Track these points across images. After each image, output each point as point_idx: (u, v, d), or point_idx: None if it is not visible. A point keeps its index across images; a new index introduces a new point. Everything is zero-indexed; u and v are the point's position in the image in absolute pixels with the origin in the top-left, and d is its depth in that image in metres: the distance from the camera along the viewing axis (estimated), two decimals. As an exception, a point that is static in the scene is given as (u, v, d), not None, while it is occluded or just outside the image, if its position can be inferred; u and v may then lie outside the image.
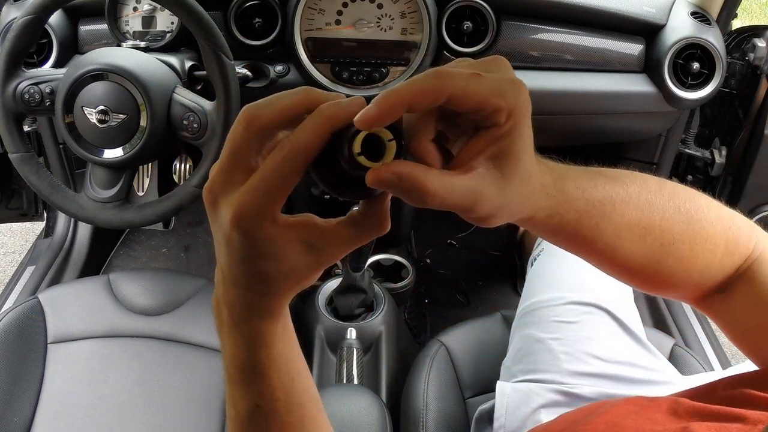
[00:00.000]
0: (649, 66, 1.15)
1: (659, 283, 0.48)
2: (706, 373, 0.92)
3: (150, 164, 1.48)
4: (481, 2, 1.09)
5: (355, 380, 1.06)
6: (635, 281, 0.49)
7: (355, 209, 0.36)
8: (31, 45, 0.91)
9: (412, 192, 0.31)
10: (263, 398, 0.40)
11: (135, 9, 1.11)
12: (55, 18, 1.11)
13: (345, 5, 1.11)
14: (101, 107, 0.88)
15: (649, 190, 0.45)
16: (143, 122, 0.90)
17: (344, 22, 1.12)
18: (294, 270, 0.35)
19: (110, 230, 1.71)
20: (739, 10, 1.23)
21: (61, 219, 1.60)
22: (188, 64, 1.00)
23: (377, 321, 1.16)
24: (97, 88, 0.89)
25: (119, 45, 1.07)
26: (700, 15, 1.15)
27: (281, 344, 0.39)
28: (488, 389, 0.92)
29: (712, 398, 0.45)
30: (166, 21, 1.12)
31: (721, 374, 0.56)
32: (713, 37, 1.10)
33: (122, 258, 1.76)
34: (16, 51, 0.89)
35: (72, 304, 1.04)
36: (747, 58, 1.22)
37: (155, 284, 1.08)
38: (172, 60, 0.97)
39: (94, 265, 1.64)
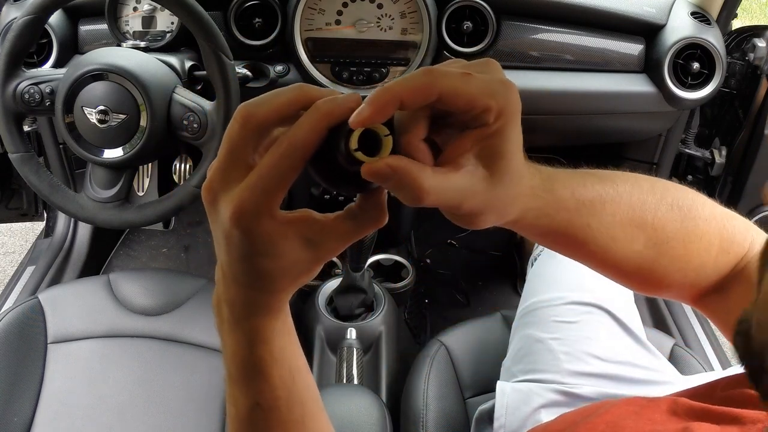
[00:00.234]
0: (649, 66, 1.15)
1: (655, 284, 0.48)
2: (706, 373, 0.92)
3: (150, 164, 1.48)
4: (481, 2, 1.09)
5: (355, 380, 1.06)
6: (631, 282, 0.49)
7: (352, 204, 0.37)
8: (31, 45, 0.91)
9: (407, 188, 0.32)
10: (264, 396, 0.40)
11: (135, 9, 1.11)
12: (55, 18, 1.11)
13: (345, 5, 1.11)
14: (101, 107, 0.88)
15: (641, 188, 0.45)
16: (143, 122, 0.90)
17: (344, 22, 1.12)
18: (294, 266, 0.35)
19: (110, 230, 1.71)
20: (739, 10, 1.23)
21: (61, 219, 1.60)
22: (188, 64, 1.00)
23: (377, 321, 1.16)
24: (97, 88, 0.89)
25: (119, 45, 1.07)
26: (700, 15, 1.15)
27: (282, 341, 0.39)
28: (488, 389, 0.92)
29: (712, 398, 0.45)
30: (166, 21, 1.12)
31: (721, 374, 0.56)
32: (713, 37, 1.10)
33: (122, 258, 1.76)
34: (16, 51, 0.89)
35: (72, 304, 1.04)
36: (747, 58, 1.22)
37: (155, 284, 1.08)
38: (172, 60, 0.97)
39: (94, 265, 1.64)
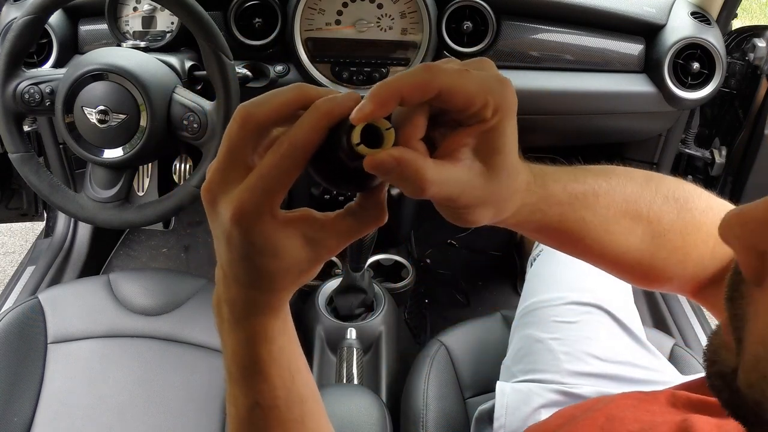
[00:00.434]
0: (649, 66, 1.15)
1: (655, 277, 0.48)
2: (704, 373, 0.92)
3: (150, 164, 1.48)
4: (481, 2, 1.09)
5: (355, 380, 1.06)
6: (631, 276, 0.49)
7: (352, 202, 0.37)
8: (31, 45, 0.91)
9: (409, 179, 0.32)
10: (263, 396, 0.40)
11: (135, 9, 1.11)
12: (55, 18, 1.11)
13: (345, 5, 1.11)
14: (101, 107, 0.88)
15: (635, 182, 0.45)
16: (143, 122, 0.90)
17: (344, 22, 1.12)
18: (294, 265, 0.35)
19: (110, 230, 1.70)
20: (739, 10, 1.23)
21: (61, 219, 1.60)
22: (188, 64, 1.00)
23: (377, 321, 1.16)
24: (97, 88, 0.89)
25: (119, 45, 1.07)
26: (700, 15, 1.15)
27: (282, 341, 0.39)
28: (488, 389, 0.92)
29: (710, 392, 0.45)
30: (166, 21, 1.12)
31: None
32: (713, 37, 1.10)
33: (122, 258, 1.76)
34: (16, 51, 0.89)
35: (72, 304, 1.04)
36: (747, 58, 1.22)
37: (155, 284, 1.08)
38: (172, 60, 0.97)
39: (94, 265, 1.64)
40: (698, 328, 1.42)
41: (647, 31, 1.15)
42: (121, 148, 0.91)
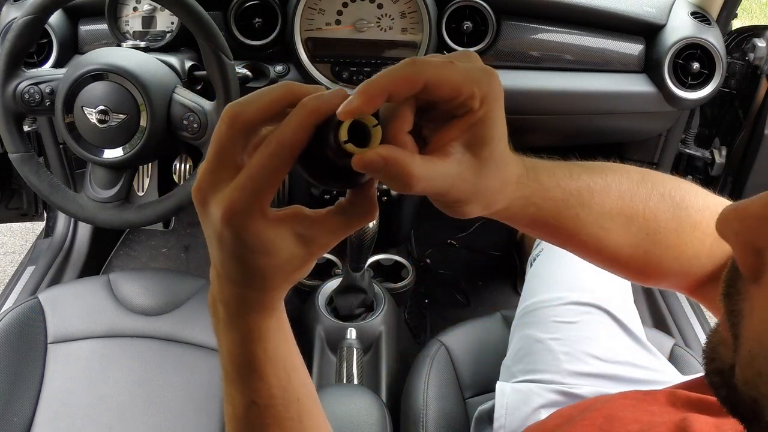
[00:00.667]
0: (649, 66, 1.15)
1: (650, 273, 0.48)
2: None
3: (150, 164, 1.48)
4: (481, 2, 1.09)
5: (355, 380, 1.06)
6: (626, 272, 0.49)
7: (343, 198, 0.37)
8: (31, 45, 0.91)
9: (397, 176, 0.32)
10: (260, 395, 0.40)
11: (135, 9, 1.11)
12: (55, 18, 1.11)
13: (345, 5, 1.11)
14: (101, 107, 0.88)
15: (631, 179, 0.45)
16: (143, 122, 0.90)
17: (344, 22, 1.12)
18: (287, 263, 0.35)
19: (110, 230, 1.70)
20: (739, 10, 1.23)
21: (61, 219, 1.60)
22: (188, 64, 1.00)
23: (377, 321, 1.16)
24: (97, 88, 0.89)
25: (119, 45, 1.07)
26: (700, 15, 1.14)
27: (277, 339, 0.39)
28: (488, 389, 0.92)
29: (710, 391, 0.45)
30: (166, 21, 1.12)
31: None
32: (713, 37, 1.10)
33: (122, 258, 1.76)
34: (16, 51, 0.89)
35: (72, 304, 1.04)
36: (747, 58, 1.22)
37: (155, 284, 1.08)
38: (172, 60, 0.97)
39: (94, 265, 1.64)
40: (698, 328, 1.42)
41: (647, 31, 1.15)
42: (121, 148, 0.91)
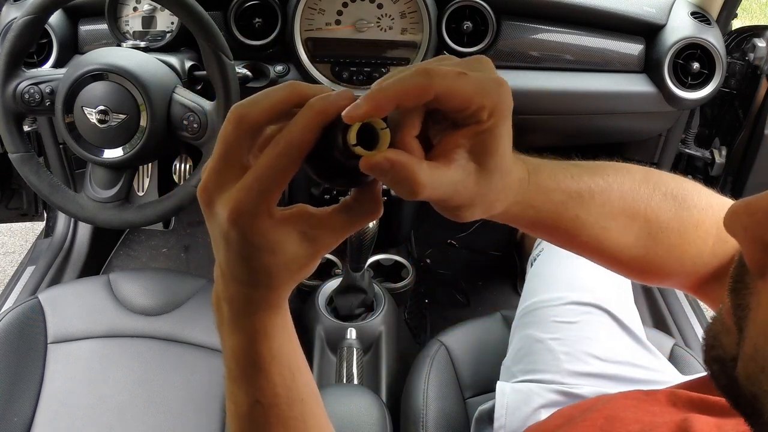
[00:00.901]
0: (649, 66, 1.15)
1: (653, 273, 0.48)
2: (707, 374, 0.92)
3: (150, 164, 1.48)
4: (481, 2, 1.09)
5: (355, 380, 1.06)
6: (629, 272, 0.49)
7: (347, 197, 0.37)
8: (31, 45, 0.91)
9: (403, 182, 0.32)
10: (264, 394, 0.40)
11: (135, 9, 1.11)
12: (55, 18, 1.11)
13: (345, 5, 1.11)
14: (101, 107, 0.88)
15: (633, 179, 0.45)
16: (143, 122, 0.90)
17: (344, 22, 1.12)
18: (293, 261, 0.36)
19: (110, 230, 1.70)
20: (739, 10, 1.23)
21: (61, 219, 1.60)
22: (188, 64, 1.00)
23: (377, 321, 1.16)
24: (97, 88, 0.89)
25: (119, 45, 1.07)
26: (700, 15, 1.14)
27: (281, 338, 0.40)
28: (488, 389, 0.92)
29: (712, 390, 0.45)
30: (166, 21, 1.12)
31: None
32: (713, 37, 1.10)
33: (122, 258, 1.76)
34: (16, 51, 0.89)
35: (72, 304, 1.04)
36: (747, 58, 1.22)
37: (155, 284, 1.08)
38: (172, 60, 0.97)
39: (94, 265, 1.64)
40: (698, 328, 1.42)
41: (647, 31, 1.15)
42: (121, 148, 0.91)
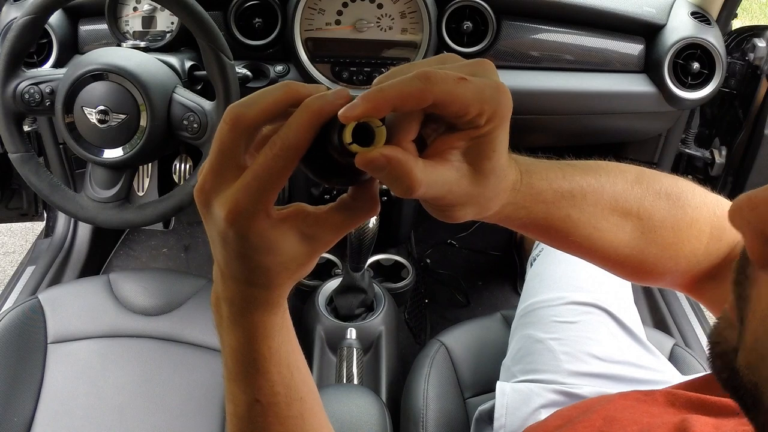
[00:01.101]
0: (649, 66, 1.15)
1: (647, 272, 0.48)
2: (707, 374, 0.92)
3: (150, 164, 1.48)
4: (481, 2, 1.09)
5: (355, 380, 1.06)
6: (623, 271, 0.49)
7: (345, 195, 0.37)
8: (31, 45, 0.91)
9: (400, 178, 0.32)
10: (263, 393, 0.40)
11: (135, 9, 1.11)
12: (55, 18, 1.11)
13: (345, 5, 1.11)
14: (101, 107, 0.88)
15: (625, 179, 0.45)
16: (143, 122, 0.90)
17: (344, 22, 1.12)
18: (291, 260, 0.36)
19: (110, 230, 1.70)
20: (739, 10, 1.23)
21: (61, 219, 1.60)
22: (188, 64, 1.00)
23: (377, 321, 1.16)
24: (97, 88, 0.89)
25: (119, 45, 1.07)
26: (700, 15, 1.15)
27: (281, 337, 0.40)
28: (488, 389, 0.92)
29: (710, 391, 0.45)
30: (166, 21, 1.12)
31: None
32: (713, 37, 1.10)
33: (122, 258, 1.76)
34: (16, 51, 0.89)
35: (72, 304, 1.04)
36: (747, 58, 1.22)
37: (155, 284, 1.08)
38: (172, 60, 0.97)
39: (94, 265, 1.64)
40: (698, 328, 1.42)
41: (647, 31, 1.15)
42: (121, 148, 0.91)
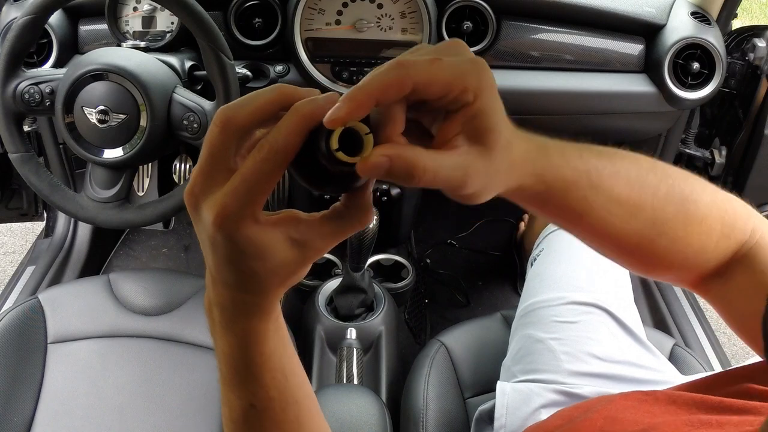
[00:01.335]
0: (649, 66, 1.15)
1: (654, 264, 0.48)
2: (707, 374, 0.92)
3: (150, 164, 1.48)
4: (481, 2, 1.09)
5: (355, 380, 1.06)
6: (631, 260, 0.48)
7: (338, 203, 0.37)
8: (31, 45, 0.91)
9: (405, 171, 0.31)
10: (257, 397, 0.40)
11: (135, 9, 1.11)
12: (55, 18, 1.11)
13: (345, 5, 1.11)
14: (101, 107, 0.88)
15: (640, 167, 0.45)
16: (143, 122, 0.90)
17: (344, 22, 1.12)
18: (281, 267, 0.35)
19: (110, 230, 1.70)
20: (739, 10, 1.23)
21: (61, 219, 1.60)
22: (188, 64, 1.00)
23: (377, 321, 1.16)
24: (97, 88, 0.89)
25: (119, 45, 1.07)
26: (700, 15, 1.15)
27: (274, 343, 0.39)
28: (488, 389, 0.92)
29: (714, 391, 0.45)
30: (166, 21, 1.12)
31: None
32: (713, 37, 1.10)
33: (122, 258, 1.76)
34: (16, 51, 0.89)
35: (72, 304, 1.04)
36: (747, 58, 1.22)
37: (155, 284, 1.08)
38: (172, 60, 0.97)
39: (94, 265, 1.64)
40: (698, 328, 1.42)
41: (647, 31, 1.15)
42: (121, 148, 0.91)
